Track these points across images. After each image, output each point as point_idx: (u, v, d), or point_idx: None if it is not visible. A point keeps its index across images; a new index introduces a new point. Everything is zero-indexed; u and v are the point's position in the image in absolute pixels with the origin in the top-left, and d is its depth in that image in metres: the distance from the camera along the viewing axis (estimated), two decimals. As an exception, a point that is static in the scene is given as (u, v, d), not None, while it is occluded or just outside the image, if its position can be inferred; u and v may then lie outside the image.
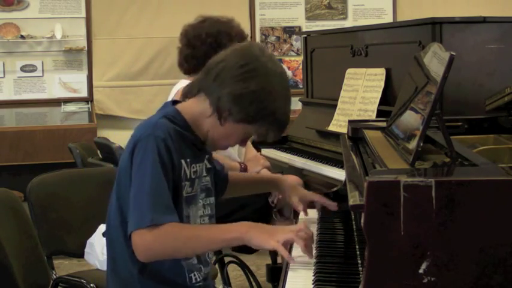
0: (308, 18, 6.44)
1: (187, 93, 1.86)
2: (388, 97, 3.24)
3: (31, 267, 2.17)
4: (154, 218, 1.65)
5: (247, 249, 2.50)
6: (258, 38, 6.35)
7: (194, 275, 1.84)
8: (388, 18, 6.48)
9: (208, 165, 1.95)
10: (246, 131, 1.82)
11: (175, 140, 1.75)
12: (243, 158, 3.18)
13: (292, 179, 3.31)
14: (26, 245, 2.18)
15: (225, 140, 1.86)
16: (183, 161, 1.78)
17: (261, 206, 2.83)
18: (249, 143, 3.29)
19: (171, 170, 1.73)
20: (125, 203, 1.74)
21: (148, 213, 1.66)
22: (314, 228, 2.06)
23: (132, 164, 1.73)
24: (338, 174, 3.14)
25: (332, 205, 2.10)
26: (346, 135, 2.30)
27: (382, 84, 3.27)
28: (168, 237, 1.67)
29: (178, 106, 1.85)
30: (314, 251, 1.79)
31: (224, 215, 2.72)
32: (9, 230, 2.10)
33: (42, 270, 2.26)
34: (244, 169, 3.05)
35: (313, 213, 2.20)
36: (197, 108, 1.82)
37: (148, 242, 1.66)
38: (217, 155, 2.98)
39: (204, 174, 1.91)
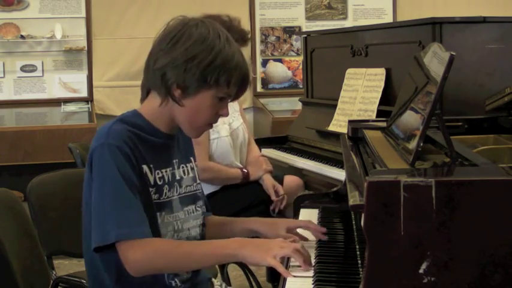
0: (308, 18, 6.44)
1: (141, 99, 1.79)
2: (388, 97, 3.24)
3: (31, 267, 2.16)
4: (121, 233, 1.58)
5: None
6: (258, 38, 6.34)
7: (175, 282, 1.77)
8: (388, 18, 6.48)
9: (191, 174, 1.85)
10: (211, 97, 1.69)
11: (131, 145, 1.65)
12: (245, 161, 3.17)
13: (292, 180, 3.33)
14: (26, 245, 2.17)
15: (199, 117, 1.71)
16: (144, 166, 1.68)
17: (261, 211, 2.83)
18: (252, 141, 3.29)
19: (134, 176, 1.63)
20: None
21: (114, 228, 1.58)
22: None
23: (92, 175, 1.65)
24: (338, 174, 3.14)
25: (319, 233, 1.87)
26: (346, 135, 2.29)
27: (382, 84, 3.27)
28: (158, 253, 1.60)
29: (138, 108, 1.78)
30: (314, 251, 1.79)
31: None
32: (9, 230, 2.09)
33: (42, 270, 2.25)
34: (246, 175, 3.05)
35: (313, 214, 2.20)
36: (155, 103, 1.73)
37: (137, 258, 1.59)
38: (218, 165, 2.99)
39: (182, 179, 1.81)
